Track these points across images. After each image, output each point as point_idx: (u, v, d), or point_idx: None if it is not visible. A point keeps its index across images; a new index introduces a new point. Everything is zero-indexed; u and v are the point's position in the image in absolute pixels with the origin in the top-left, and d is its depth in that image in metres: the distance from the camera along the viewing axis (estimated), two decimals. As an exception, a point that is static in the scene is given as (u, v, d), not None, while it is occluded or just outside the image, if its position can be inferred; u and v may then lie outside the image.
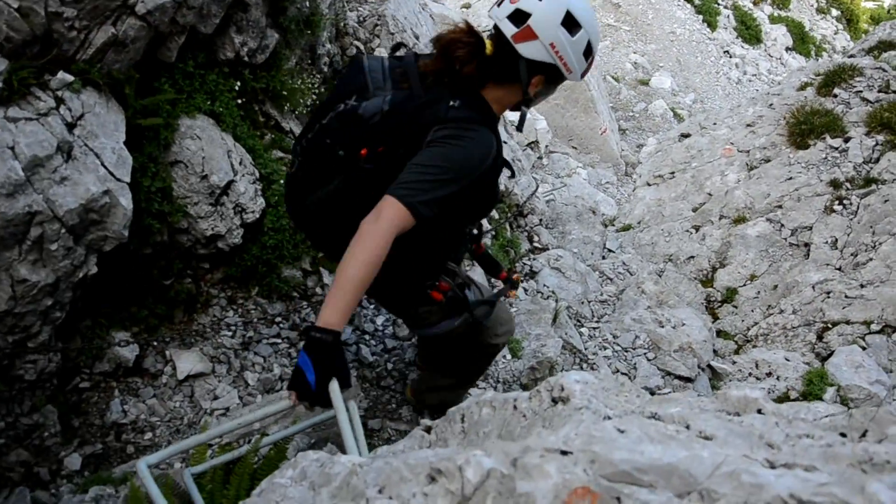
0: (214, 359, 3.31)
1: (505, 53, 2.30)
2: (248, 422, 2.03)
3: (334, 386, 1.87)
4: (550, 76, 2.37)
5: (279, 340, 3.51)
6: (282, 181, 3.63)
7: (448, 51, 2.29)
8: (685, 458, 0.95)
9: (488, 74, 2.34)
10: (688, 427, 1.15)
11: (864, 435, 1.15)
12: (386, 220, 2.01)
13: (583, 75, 2.40)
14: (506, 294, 3.00)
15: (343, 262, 1.99)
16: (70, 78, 2.69)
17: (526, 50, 2.26)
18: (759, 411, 1.26)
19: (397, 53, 2.51)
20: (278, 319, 3.60)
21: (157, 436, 2.99)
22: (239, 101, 3.65)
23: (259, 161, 3.62)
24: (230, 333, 3.43)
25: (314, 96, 4.32)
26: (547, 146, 8.62)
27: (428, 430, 1.69)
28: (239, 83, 3.61)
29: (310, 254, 3.74)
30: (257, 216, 3.46)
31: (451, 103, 2.23)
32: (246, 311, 3.54)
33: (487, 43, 2.32)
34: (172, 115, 3.19)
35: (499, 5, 2.32)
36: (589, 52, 2.33)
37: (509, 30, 2.25)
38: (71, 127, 2.66)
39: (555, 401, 1.39)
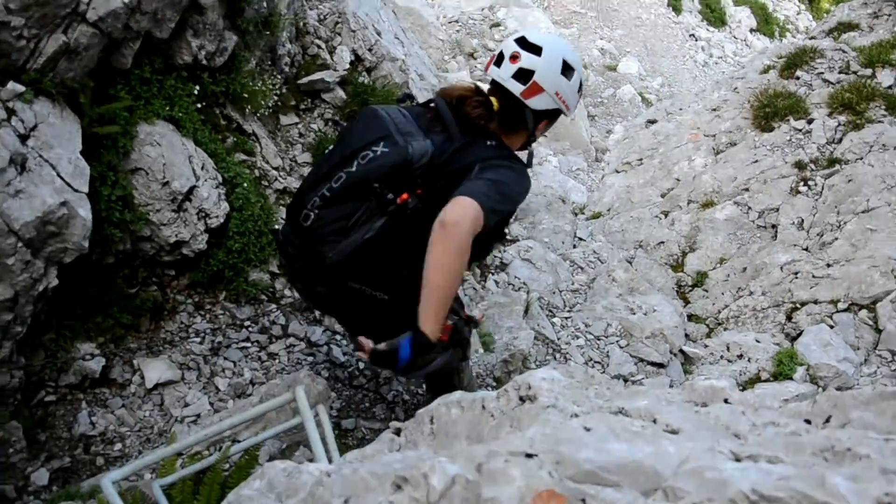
0: (183, 366, 3.27)
1: (511, 107, 2.46)
2: (214, 433, 2.00)
3: (300, 394, 1.85)
4: (552, 117, 2.57)
5: (249, 344, 3.47)
6: (245, 185, 3.59)
7: (463, 105, 2.42)
8: (651, 455, 0.95)
9: (501, 128, 2.48)
10: (654, 421, 1.15)
11: (828, 420, 1.15)
12: (469, 220, 2.03)
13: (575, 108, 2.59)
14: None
15: (436, 269, 2.01)
16: (21, 88, 2.62)
17: (535, 103, 2.43)
18: (726, 401, 1.27)
19: (410, 102, 2.64)
20: (247, 323, 3.56)
21: (127, 446, 2.95)
22: (199, 106, 3.60)
23: (221, 165, 3.58)
24: (199, 339, 3.39)
25: (276, 97, 4.27)
26: (516, 136, 8.59)
27: (398, 432, 1.67)
28: (198, 87, 3.56)
29: (276, 256, 3.70)
30: (221, 221, 3.42)
31: (489, 143, 2.39)
32: (214, 317, 3.50)
33: (493, 100, 2.46)
34: (130, 122, 3.14)
35: (498, 66, 2.46)
36: (580, 89, 2.53)
37: (517, 88, 2.41)
38: (24, 138, 2.60)
39: (522, 399, 1.39)
